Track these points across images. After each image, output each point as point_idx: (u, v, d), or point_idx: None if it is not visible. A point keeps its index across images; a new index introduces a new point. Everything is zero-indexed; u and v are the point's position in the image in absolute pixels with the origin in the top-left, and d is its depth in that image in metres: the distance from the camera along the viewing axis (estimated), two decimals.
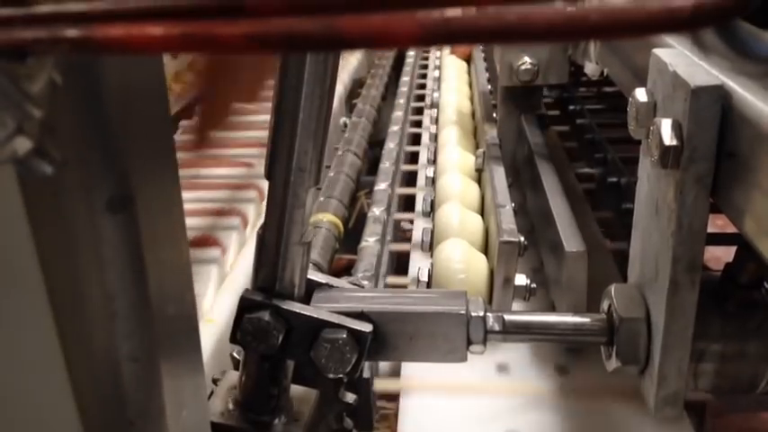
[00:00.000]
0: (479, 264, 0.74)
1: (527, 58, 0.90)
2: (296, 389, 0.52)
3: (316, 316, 0.46)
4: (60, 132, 0.23)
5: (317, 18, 0.15)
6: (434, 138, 1.22)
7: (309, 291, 0.49)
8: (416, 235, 0.92)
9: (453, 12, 0.15)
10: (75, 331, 0.28)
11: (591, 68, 0.74)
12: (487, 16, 0.14)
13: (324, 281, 0.50)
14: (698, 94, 0.39)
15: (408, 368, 0.70)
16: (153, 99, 0.29)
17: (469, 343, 0.49)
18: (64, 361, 0.28)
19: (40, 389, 0.29)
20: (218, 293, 0.74)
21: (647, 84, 0.46)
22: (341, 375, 0.47)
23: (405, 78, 1.65)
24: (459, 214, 0.83)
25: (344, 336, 0.46)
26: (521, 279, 0.69)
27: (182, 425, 0.33)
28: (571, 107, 1.29)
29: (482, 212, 0.88)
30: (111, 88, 0.25)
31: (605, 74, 0.72)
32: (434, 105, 1.39)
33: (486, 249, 0.80)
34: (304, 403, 0.52)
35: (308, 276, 0.49)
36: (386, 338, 0.48)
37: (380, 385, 0.70)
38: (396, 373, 0.71)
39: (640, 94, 0.45)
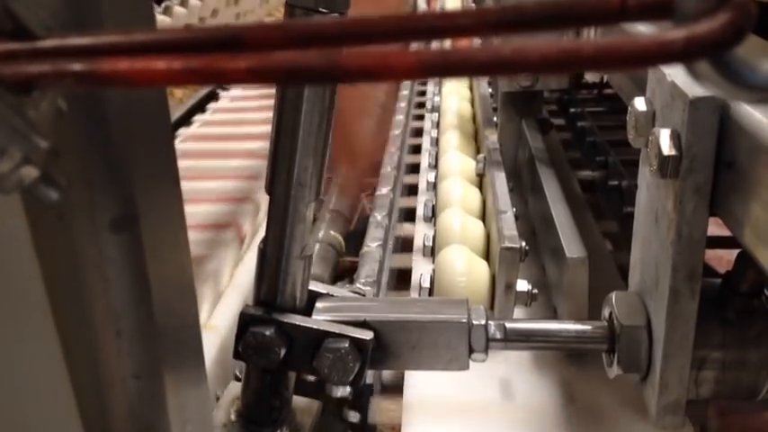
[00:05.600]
0: (481, 270, 0.74)
1: None
2: (297, 400, 0.52)
3: (317, 327, 0.47)
4: (64, 155, 0.23)
5: (318, 52, 0.15)
6: (435, 142, 1.22)
7: (311, 301, 0.50)
8: (418, 240, 0.92)
9: (449, 45, 0.15)
10: (81, 349, 0.28)
11: (591, 74, 0.75)
12: (483, 50, 0.14)
13: (324, 291, 0.51)
14: (696, 105, 0.39)
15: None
16: (155, 120, 0.29)
17: (471, 351, 0.49)
18: (69, 378, 0.29)
19: (46, 406, 0.30)
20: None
21: (647, 93, 0.46)
22: (345, 385, 0.47)
23: (405, 82, 1.66)
24: (460, 220, 0.83)
25: (346, 345, 0.46)
26: (522, 285, 0.69)
27: None
28: (572, 110, 1.29)
29: (483, 218, 0.89)
30: (115, 111, 0.25)
31: (605, 79, 0.72)
32: (435, 109, 1.39)
33: (487, 255, 0.80)
34: (306, 414, 0.52)
35: (310, 287, 0.49)
36: (388, 347, 0.49)
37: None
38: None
39: (639, 104, 0.45)
